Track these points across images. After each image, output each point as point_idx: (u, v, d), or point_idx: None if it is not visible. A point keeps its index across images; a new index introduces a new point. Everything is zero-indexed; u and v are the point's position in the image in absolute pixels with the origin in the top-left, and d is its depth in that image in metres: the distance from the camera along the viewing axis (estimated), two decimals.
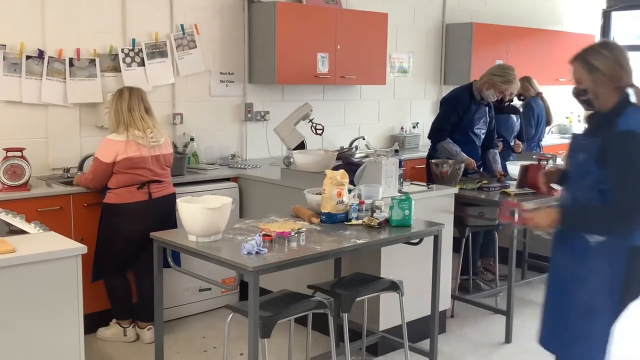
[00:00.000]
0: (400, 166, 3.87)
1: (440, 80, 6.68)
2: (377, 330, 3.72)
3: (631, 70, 2.49)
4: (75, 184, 3.97)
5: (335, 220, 3.23)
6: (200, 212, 2.81)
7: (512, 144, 5.27)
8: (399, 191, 3.80)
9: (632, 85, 2.49)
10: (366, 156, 5.60)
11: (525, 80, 5.70)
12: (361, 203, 3.31)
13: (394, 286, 3.22)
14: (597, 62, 2.48)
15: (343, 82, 5.53)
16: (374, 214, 3.28)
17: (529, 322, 4.26)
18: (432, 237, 3.33)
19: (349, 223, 3.22)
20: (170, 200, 3.98)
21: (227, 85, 5.17)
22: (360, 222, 3.23)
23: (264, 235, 2.84)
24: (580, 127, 7.98)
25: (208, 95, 5.08)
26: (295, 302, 2.87)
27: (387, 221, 3.26)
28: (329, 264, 3.69)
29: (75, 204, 3.93)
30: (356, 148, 5.89)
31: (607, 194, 2.40)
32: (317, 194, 3.49)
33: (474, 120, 4.73)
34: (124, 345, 3.96)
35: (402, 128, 6.40)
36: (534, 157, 4.54)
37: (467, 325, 4.28)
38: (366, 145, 5.96)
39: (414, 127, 6.47)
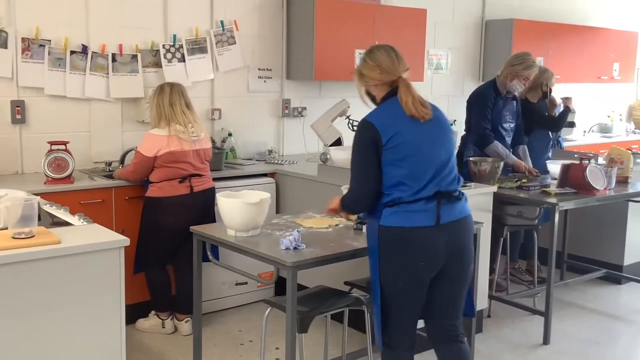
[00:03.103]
0: None
1: (479, 78, 6.61)
2: None
3: (393, 66, 2.81)
4: (115, 178, 4.04)
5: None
6: (239, 207, 2.84)
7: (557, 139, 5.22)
8: None
9: (396, 81, 2.77)
10: None
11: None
12: None
13: None
14: (362, 69, 2.89)
15: None
16: None
17: (567, 324, 4.23)
18: None
19: None
20: (210, 194, 4.03)
21: (265, 81, 5.20)
22: None
23: None
24: (622, 126, 7.83)
25: (246, 91, 5.12)
26: (332, 298, 2.88)
27: None
28: (365, 260, 3.67)
29: (117, 197, 4.01)
30: None
31: None
32: None
33: (503, 115, 4.68)
34: (162, 337, 4.03)
35: None
36: (575, 155, 4.46)
37: (504, 326, 4.24)
38: None
39: (451, 124, 6.39)
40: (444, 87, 6.42)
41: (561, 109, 5.19)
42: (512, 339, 4.05)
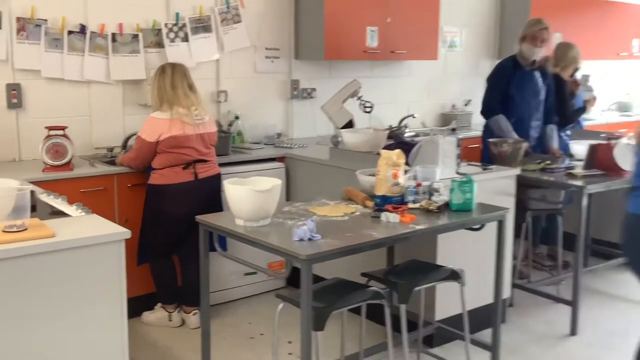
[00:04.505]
0: (457, 145, 3.63)
1: (495, 55, 6.34)
2: (433, 320, 3.52)
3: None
4: (118, 164, 3.85)
5: (390, 203, 3.01)
6: (248, 195, 2.63)
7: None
8: (457, 172, 3.56)
9: None
10: (416, 135, 5.37)
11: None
12: (418, 185, 3.08)
13: (454, 275, 3.00)
14: None
15: (393, 58, 5.28)
16: (432, 197, 3.05)
17: (594, 313, 4.03)
18: (496, 222, 3.08)
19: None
20: (216, 180, 3.83)
21: (272, 62, 4.97)
22: (417, 205, 3.01)
23: None
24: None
25: (253, 71, 4.89)
26: (349, 292, 2.68)
27: (447, 205, 3.03)
28: (381, 250, 3.49)
29: (119, 185, 3.81)
30: (406, 127, 5.64)
31: None
32: (370, 175, 3.28)
33: (524, 87, 4.45)
34: (169, 330, 3.85)
35: (453, 106, 6.12)
36: (602, 135, 4.22)
37: (527, 315, 4.03)
38: (422, 124, 5.69)
39: (465, 104, 6.18)
40: (458, 65, 6.16)
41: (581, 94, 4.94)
42: (537, 330, 3.84)
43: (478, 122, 6.19)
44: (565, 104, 4.74)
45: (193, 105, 3.71)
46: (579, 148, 4.39)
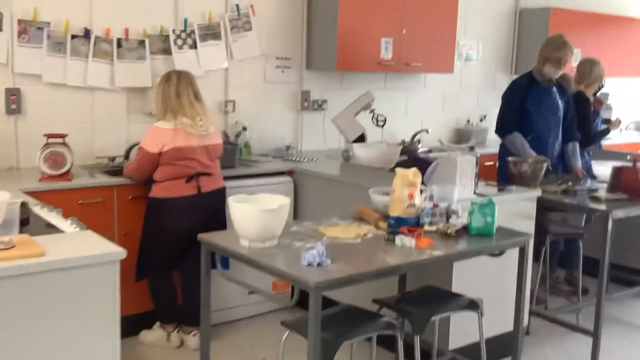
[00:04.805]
0: (476, 164, 3.44)
1: (511, 70, 6.16)
2: (447, 350, 3.31)
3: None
4: (125, 175, 3.67)
5: (405, 225, 2.81)
6: (254, 215, 2.45)
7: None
8: (475, 193, 3.38)
9: None
10: (429, 151, 5.18)
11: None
12: (435, 207, 2.89)
13: (472, 305, 2.80)
14: None
15: (408, 70, 5.11)
16: (450, 220, 2.86)
17: (615, 344, 3.81)
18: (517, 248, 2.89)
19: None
20: (220, 194, 3.66)
21: (282, 71, 4.80)
22: (434, 228, 2.82)
23: None
24: None
25: (263, 81, 4.73)
26: (360, 322, 2.49)
27: (465, 228, 2.84)
28: (394, 277, 3.29)
29: (119, 197, 3.63)
30: (419, 142, 5.45)
31: None
32: (383, 194, 3.09)
33: (541, 104, 4.26)
34: (168, 351, 3.67)
35: (468, 121, 5.93)
36: (627, 157, 4.03)
37: (546, 345, 3.82)
38: (439, 141, 5.50)
39: (481, 120, 5.99)
40: (474, 79, 5.98)
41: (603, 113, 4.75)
42: None
43: (493, 138, 5.99)
44: (589, 123, 4.55)
45: (198, 115, 3.54)
46: (601, 169, 4.20)
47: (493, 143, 5.81)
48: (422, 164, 3.87)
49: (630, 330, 4.09)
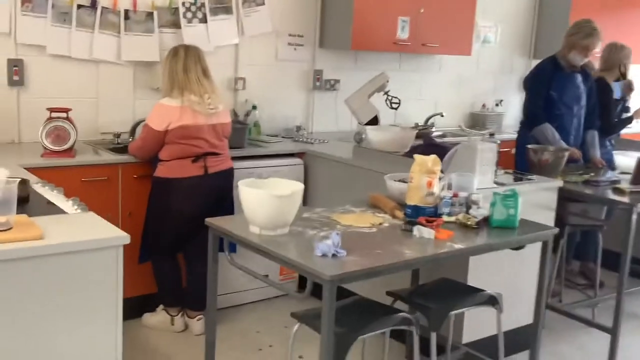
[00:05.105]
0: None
1: (530, 54, 5.97)
2: (460, 343, 3.19)
3: None
4: (129, 153, 3.54)
5: (422, 215, 2.68)
6: (266, 201, 2.32)
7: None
8: (495, 182, 3.24)
9: None
10: (443, 135, 5.04)
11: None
12: (455, 196, 2.75)
13: (491, 300, 2.67)
14: None
15: (424, 51, 4.94)
16: (470, 211, 2.72)
17: (633, 340, 3.69)
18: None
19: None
20: (228, 175, 3.53)
21: (295, 49, 4.64)
22: (453, 219, 2.68)
23: None
24: None
25: (274, 59, 4.56)
26: (374, 316, 2.37)
27: (486, 220, 2.70)
28: None
29: (124, 175, 3.51)
30: (432, 125, 5.30)
31: None
32: (399, 180, 2.95)
33: (565, 91, 4.09)
34: (171, 336, 3.56)
35: (483, 105, 5.76)
36: None
37: (561, 341, 3.70)
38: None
39: (497, 104, 5.82)
40: (491, 62, 5.79)
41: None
42: (572, 358, 3.51)
43: (509, 124, 5.86)
44: (609, 111, 4.38)
45: (206, 92, 3.39)
46: (624, 160, 4.05)
47: (509, 128, 5.67)
48: (438, 150, 3.73)
49: None
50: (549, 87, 4.05)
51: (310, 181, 4.04)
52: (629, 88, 4.46)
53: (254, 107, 4.39)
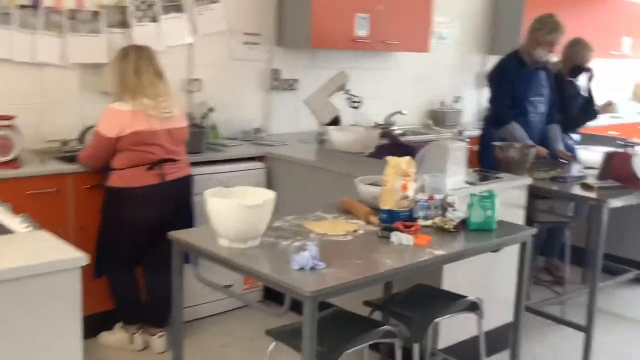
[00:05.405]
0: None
1: (488, 50, 5.94)
2: (436, 350, 3.10)
3: None
4: (79, 162, 3.30)
5: (398, 220, 2.56)
6: (236, 211, 2.15)
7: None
8: (466, 182, 3.15)
9: None
10: (403, 134, 4.96)
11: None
12: (430, 199, 2.64)
13: (472, 306, 2.58)
14: None
15: (384, 48, 4.84)
16: (447, 213, 2.62)
17: (603, 336, 3.65)
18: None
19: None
20: (187, 183, 3.36)
21: (251, 48, 4.47)
22: (430, 222, 2.58)
23: None
24: (630, 106, 7.29)
25: (230, 58, 4.38)
26: (355, 330, 2.23)
27: (463, 222, 2.60)
28: None
29: (74, 186, 3.28)
30: (393, 124, 5.21)
31: None
32: (370, 183, 2.83)
33: (530, 88, 4.06)
34: (131, 355, 3.35)
35: (442, 102, 5.70)
36: (618, 142, 3.86)
37: (533, 340, 3.64)
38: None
39: (455, 101, 5.77)
40: (448, 59, 5.74)
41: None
42: (546, 357, 3.45)
43: (467, 120, 5.83)
44: (570, 105, 4.38)
45: (160, 95, 3.20)
46: (586, 154, 4.03)
47: (467, 125, 5.64)
48: (404, 149, 3.64)
49: (617, 321, 3.96)
50: (513, 85, 4.00)
51: (273, 185, 3.88)
52: (606, 107, 4.45)
53: (211, 110, 4.19)
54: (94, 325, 3.36)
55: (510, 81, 4.00)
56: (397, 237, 2.37)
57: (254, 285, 3.90)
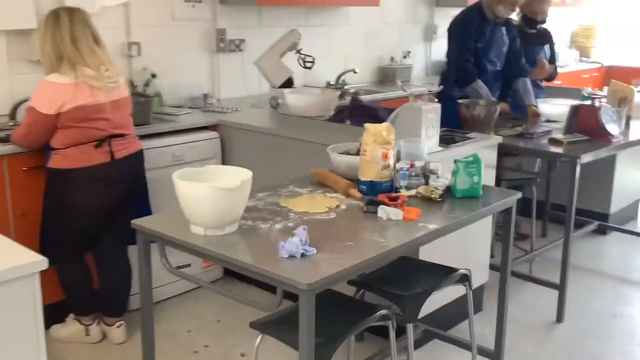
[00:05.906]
0: None
1: (434, 2, 5.78)
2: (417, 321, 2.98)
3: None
4: (12, 142, 2.95)
5: (379, 192, 2.38)
6: (212, 195, 1.91)
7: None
8: (440, 145, 3.01)
9: None
10: (356, 93, 4.76)
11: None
12: (411, 166, 2.47)
13: (463, 278, 2.45)
14: None
15: (333, 3, 4.59)
16: (430, 181, 2.46)
17: (572, 292, 3.63)
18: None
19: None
20: (138, 159, 3.08)
21: (193, 6, 4.13)
22: (413, 192, 2.41)
23: None
24: (569, 54, 7.32)
25: (171, 19, 4.04)
26: (351, 317, 2.06)
27: (447, 189, 2.45)
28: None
29: (10, 168, 2.94)
30: (344, 83, 5.00)
31: None
32: (344, 152, 2.64)
33: (490, 45, 3.94)
34: (88, 348, 3.09)
35: (392, 58, 5.52)
36: (583, 94, 3.79)
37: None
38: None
39: (404, 57, 5.60)
40: (396, 13, 5.53)
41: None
42: (518, 317, 3.41)
43: (418, 76, 5.69)
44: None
45: (102, 64, 2.87)
46: (547, 107, 3.96)
47: (417, 81, 5.50)
48: (368, 111, 3.46)
49: (583, 275, 3.96)
50: (476, 39, 3.85)
51: (229, 156, 3.63)
52: (541, 67, 4.31)
53: (154, 76, 3.87)
54: (44, 318, 3.06)
55: (472, 35, 3.85)
56: (384, 211, 2.19)
57: (212, 264, 3.68)
